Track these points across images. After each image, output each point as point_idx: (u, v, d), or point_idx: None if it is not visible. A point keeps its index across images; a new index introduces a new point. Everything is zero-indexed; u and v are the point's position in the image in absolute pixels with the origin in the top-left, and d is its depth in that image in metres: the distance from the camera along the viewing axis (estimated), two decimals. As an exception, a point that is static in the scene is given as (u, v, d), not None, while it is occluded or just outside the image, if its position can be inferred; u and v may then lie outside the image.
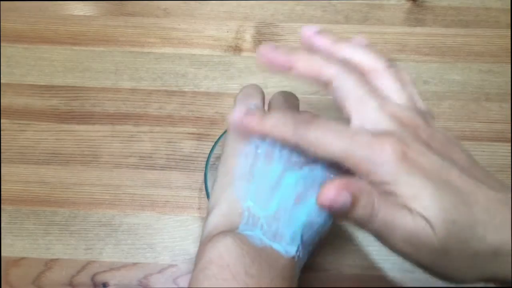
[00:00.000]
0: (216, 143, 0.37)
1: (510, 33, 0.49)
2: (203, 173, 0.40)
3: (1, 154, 0.43)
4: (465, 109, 0.45)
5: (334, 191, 0.21)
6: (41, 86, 0.46)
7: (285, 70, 0.25)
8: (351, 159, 0.22)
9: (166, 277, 0.38)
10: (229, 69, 0.47)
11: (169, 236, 0.39)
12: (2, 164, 0.42)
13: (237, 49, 0.48)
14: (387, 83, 0.24)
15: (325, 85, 0.24)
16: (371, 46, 0.27)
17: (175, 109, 0.45)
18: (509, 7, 0.50)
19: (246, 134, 0.26)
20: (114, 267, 0.38)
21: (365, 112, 0.23)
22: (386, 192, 0.21)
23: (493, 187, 0.22)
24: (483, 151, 0.43)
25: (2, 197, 0.41)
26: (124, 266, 0.38)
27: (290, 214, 0.25)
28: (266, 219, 0.25)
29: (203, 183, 0.37)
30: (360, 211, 0.21)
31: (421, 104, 0.25)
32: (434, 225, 0.20)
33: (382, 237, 0.22)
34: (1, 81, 0.46)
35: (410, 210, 0.21)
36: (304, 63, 0.24)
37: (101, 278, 0.38)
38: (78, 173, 0.42)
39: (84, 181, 0.42)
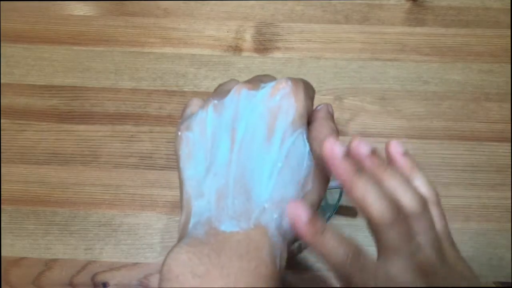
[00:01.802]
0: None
1: (510, 33, 0.49)
2: (203, 173, 0.40)
3: (1, 154, 0.43)
4: (465, 109, 0.45)
5: None
6: (41, 86, 0.46)
7: (339, 181, 0.26)
8: None
9: (166, 277, 0.38)
10: (229, 69, 0.47)
11: (169, 236, 0.39)
12: (2, 164, 0.42)
13: (237, 49, 0.48)
14: (419, 226, 0.26)
15: (367, 219, 0.26)
16: (405, 158, 0.29)
17: (175, 109, 0.45)
18: (509, 7, 0.50)
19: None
20: (114, 267, 0.38)
21: (393, 262, 0.26)
22: None
23: None
24: (483, 151, 0.43)
25: (2, 197, 0.41)
26: (124, 266, 0.38)
27: (236, 181, 0.24)
28: (213, 204, 0.24)
29: (203, 183, 0.37)
30: None
31: (440, 226, 0.28)
32: None
33: None
34: (1, 81, 0.46)
35: None
36: (359, 194, 0.26)
37: (101, 278, 0.38)
38: (78, 173, 0.42)
39: (84, 181, 0.42)
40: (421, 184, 0.29)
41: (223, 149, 0.25)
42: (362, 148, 0.27)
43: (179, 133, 0.27)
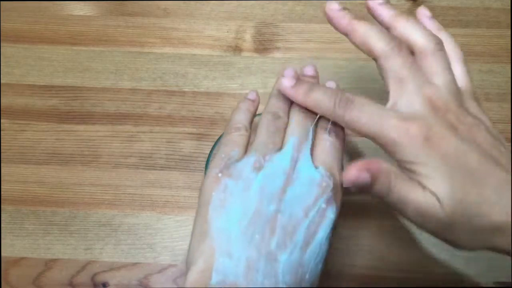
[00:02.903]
0: (216, 143, 0.37)
1: (510, 33, 0.49)
2: (203, 173, 0.40)
3: (1, 154, 0.43)
4: (465, 109, 0.45)
5: (356, 171, 0.24)
6: (41, 86, 0.46)
7: (343, 33, 0.28)
8: (381, 139, 0.25)
9: (166, 277, 0.38)
10: (229, 69, 0.47)
11: (169, 236, 0.39)
12: (2, 164, 0.42)
13: (237, 49, 0.48)
14: (432, 64, 0.26)
15: (375, 58, 0.27)
16: (432, 21, 0.29)
17: (175, 109, 0.45)
18: (509, 7, 0.50)
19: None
20: (114, 267, 0.38)
21: (402, 93, 0.26)
22: (406, 169, 0.24)
23: (508, 168, 0.24)
24: (483, 151, 0.43)
25: (2, 197, 0.41)
26: (124, 266, 0.38)
27: (268, 262, 0.24)
28: (242, 272, 0.24)
29: (203, 183, 0.37)
30: (378, 187, 0.24)
31: (463, 83, 0.28)
32: (443, 202, 0.23)
33: (397, 209, 0.25)
34: (1, 81, 0.46)
35: (423, 187, 0.24)
36: (361, 33, 0.27)
37: (101, 278, 0.38)
38: (78, 173, 0.42)
39: (84, 181, 0.42)
40: (445, 40, 0.28)
41: (263, 219, 0.25)
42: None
43: (220, 175, 0.26)
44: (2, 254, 0.39)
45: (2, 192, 0.41)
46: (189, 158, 0.42)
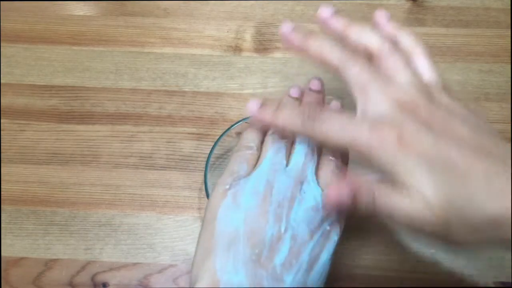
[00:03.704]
0: (216, 143, 0.37)
1: (510, 33, 0.49)
2: (203, 173, 0.40)
3: (1, 154, 0.43)
4: (465, 109, 0.45)
5: (336, 194, 0.23)
6: (41, 86, 0.46)
7: (299, 51, 0.28)
8: (354, 149, 0.24)
9: (166, 277, 0.38)
10: (229, 69, 0.47)
11: (169, 236, 0.39)
12: (2, 164, 0.42)
13: (237, 49, 0.48)
14: (391, 64, 0.26)
15: (334, 70, 0.27)
16: (390, 23, 0.29)
17: (175, 109, 0.45)
18: (509, 7, 0.50)
19: (262, 124, 0.28)
20: (114, 267, 0.38)
21: (367, 100, 0.25)
22: (387, 176, 0.23)
23: (494, 155, 0.22)
24: (483, 151, 0.43)
25: (2, 197, 0.41)
26: (124, 266, 0.38)
27: (273, 281, 0.24)
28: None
29: (203, 183, 0.37)
30: (362, 202, 0.23)
31: (429, 76, 0.27)
32: (431, 205, 0.22)
33: (387, 221, 0.24)
34: (1, 81, 0.46)
35: (408, 193, 0.23)
36: (314, 48, 0.27)
37: (101, 278, 0.38)
38: (78, 173, 0.42)
39: (84, 181, 0.42)
40: (404, 39, 0.28)
41: (269, 239, 0.25)
42: (325, 11, 0.29)
43: (227, 190, 0.27)
44: (2, 254, 0.39)
45: (2, 192, 0.41)
46: (189, 158, 0.42)
